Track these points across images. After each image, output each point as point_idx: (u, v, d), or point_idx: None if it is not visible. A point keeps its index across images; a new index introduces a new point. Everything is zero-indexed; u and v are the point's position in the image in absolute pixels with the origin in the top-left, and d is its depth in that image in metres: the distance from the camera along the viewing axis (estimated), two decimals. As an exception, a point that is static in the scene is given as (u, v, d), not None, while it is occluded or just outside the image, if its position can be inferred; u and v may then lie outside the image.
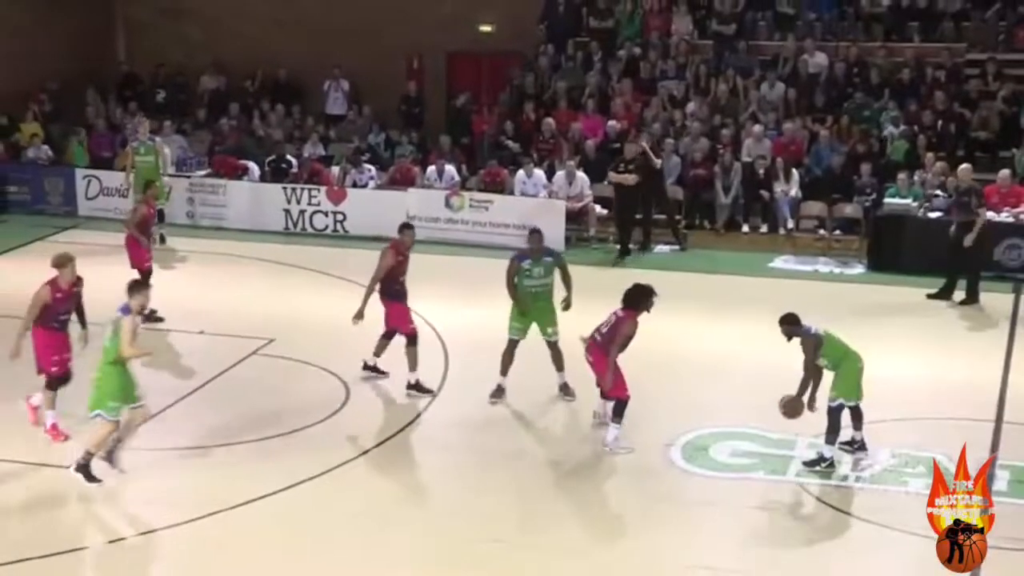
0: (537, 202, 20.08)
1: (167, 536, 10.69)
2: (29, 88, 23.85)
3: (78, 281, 12.21)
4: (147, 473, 11.83)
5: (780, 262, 19.33)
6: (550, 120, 22.04)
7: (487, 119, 23.02)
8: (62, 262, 12.14)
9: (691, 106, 22.18)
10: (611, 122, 21.67)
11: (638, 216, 19.93)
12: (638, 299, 12.24)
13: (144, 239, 16.18)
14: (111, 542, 10.75)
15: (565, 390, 13.48)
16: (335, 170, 21.59)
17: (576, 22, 24.09)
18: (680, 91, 22.71)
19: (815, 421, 11.95)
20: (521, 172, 20.64)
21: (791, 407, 11.76)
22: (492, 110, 23.23)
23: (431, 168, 21.12)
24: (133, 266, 15.97)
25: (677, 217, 20.39)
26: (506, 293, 13.49)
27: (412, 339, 13.67)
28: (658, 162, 19.92)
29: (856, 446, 12.02)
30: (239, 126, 23.48)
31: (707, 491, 11.54)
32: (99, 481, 11.38)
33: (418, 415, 13.36)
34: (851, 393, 11.73)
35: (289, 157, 21.93)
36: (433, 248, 18.68)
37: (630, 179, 19.27)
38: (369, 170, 21.39)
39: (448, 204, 20.25)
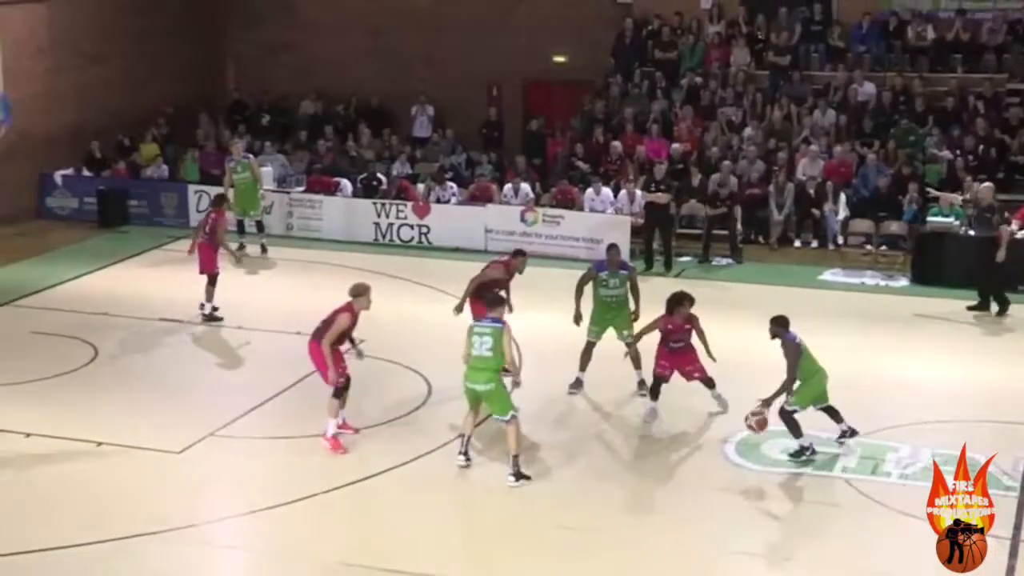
0: (604, 218, 20.04)
1: (284, 512, 10.85)
2: (148, 112, 24.25)
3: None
4: (256, 458, 12.02)
5: (829, 275, 19.06)
6: (617, 143, 21.99)
7: (560, 141, 22.97)
8: (360, 291, 11.77)
9: (748, 131, 21.98)
10: (675, 145, 21.57)
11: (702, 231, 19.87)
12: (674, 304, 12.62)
13: (198, 238, 16.47)
14: (228, 518, 10.93)
15: (642, 386, 13.39)
16: (420, 187, 21.69)
17: (642, 54, 23.99)
18: (738, 117, 22.52)
19: (865, 422, 11.82)
20: (590, 190, 20.60)
21: (759, 420, 11.60)
22: (564, 133, 23.18)
23: (508, 186, 21.16)
24: (202, 271, 16.32)
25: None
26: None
27: None
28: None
29: (849, 434, 11.94)
30: (334, 147, 23.67)
31: (758, 484, 11.41)
32: (528, 478, 11.38)
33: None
34: (806, 404, 11.67)
35: (379, 175, 22.09)
36: (508, 259, 18.66)
37: (663, 198, 19.18)
38: (451, 187, 21.48)
39: (523, 219, 20.26)
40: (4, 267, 19.05)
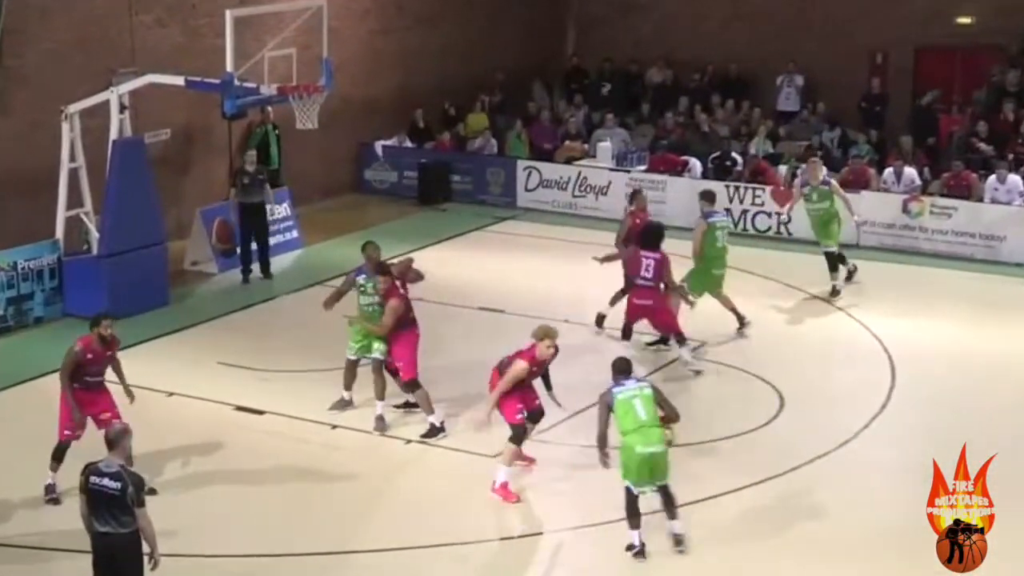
0: (1009, 211, 19.16)
1: (600, 532, 10.96)
2: (478, 80, 24.96)
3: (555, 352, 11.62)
4: (573, 470, 12.12)
5: None
6: (1034, 121, 20.75)
7: (957, 119, 22.06)
8: (542, 335, 11.58)
9: None
10: (1112, 125, 20.14)
11: None
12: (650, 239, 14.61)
13: (621, 251, 15.82)
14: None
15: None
16: (782, 169, 21.21)
17: (1077, 12, 22.46)
18: None
19: None
20: (993, 177, 19.64)
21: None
22: (964, 109, 22.16)
23: (888, 170, 20.44)
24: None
25: None
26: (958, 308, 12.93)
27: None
28: None
29: None
30: (684, 121, 23.54)
31: None
32: None
33: (859, 432, 12.88)
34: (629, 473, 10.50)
35: (734, 154, 21.79)
36: (885, 256, 18.04)
37: None
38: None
39: (906, 209, 19.55)
40: (320, 243, 20.10)
